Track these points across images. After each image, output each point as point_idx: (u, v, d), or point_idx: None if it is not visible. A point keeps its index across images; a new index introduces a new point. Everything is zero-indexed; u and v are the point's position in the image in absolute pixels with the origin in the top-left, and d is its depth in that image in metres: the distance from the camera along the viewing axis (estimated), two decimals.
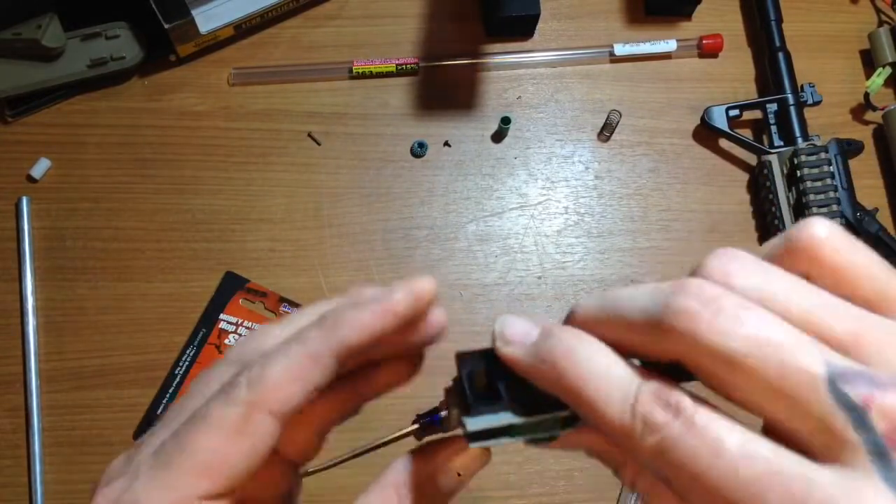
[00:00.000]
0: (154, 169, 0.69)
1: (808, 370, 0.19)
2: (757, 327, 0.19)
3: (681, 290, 0.20)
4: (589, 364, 0.22)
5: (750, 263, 0.21)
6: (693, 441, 0.19)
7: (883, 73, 0.72)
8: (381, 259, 0.68)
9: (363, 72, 0.71)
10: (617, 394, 0.21)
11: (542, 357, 0.23)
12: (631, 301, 0.22)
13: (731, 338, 0.19)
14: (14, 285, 0.65)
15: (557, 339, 0.23)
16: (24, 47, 0.66)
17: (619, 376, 0.21)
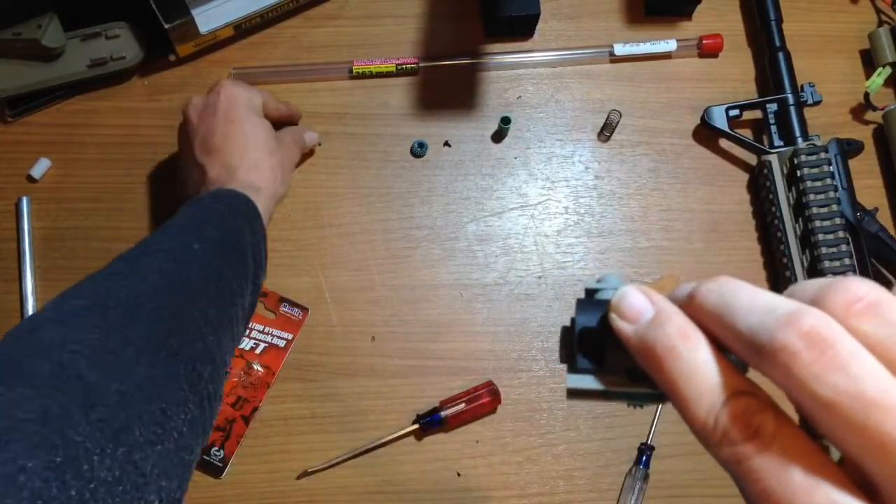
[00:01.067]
0: (154, 169, 0.69)
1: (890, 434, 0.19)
2: (856, 378, 0.19)
3: (793, 325, 0.20)
4: (688, 365, 0.22)
5: (874, 308, 0.20)
6: (760, 466, 0.20)
7: (883, 73, 0.72)
8: (381, 259, 0.68)
9: (363, 72, 0.71)
10: (706, 400, 0.22)
11: (648, 344, 0.23)
12: (746, 313, 0.22)
13: (823, 384, 0.19)
14: (14, 285, 0.65)
15: (665, 331, 0.23)
16: (24, 47, 0.66)
17: (713, 384, 0.22)
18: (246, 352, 0.65)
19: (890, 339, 0.20)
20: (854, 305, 0.21)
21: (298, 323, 0.66)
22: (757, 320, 0.21)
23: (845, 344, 0.20)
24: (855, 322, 0.20)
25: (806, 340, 0.20)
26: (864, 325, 0.20)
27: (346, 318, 0.66)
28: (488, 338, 0.67)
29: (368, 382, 0.65)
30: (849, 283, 0.21)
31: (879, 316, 0.20)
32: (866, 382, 0.19)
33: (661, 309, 0.24)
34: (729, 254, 0.70)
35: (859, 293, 0.21)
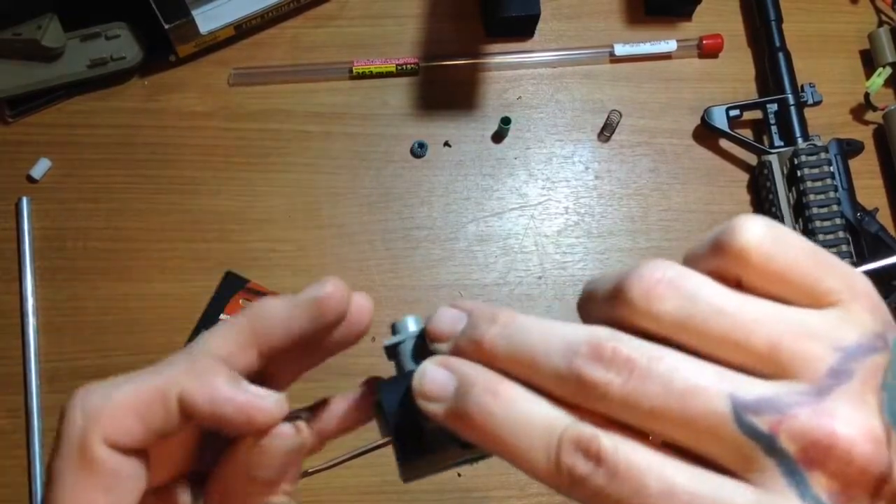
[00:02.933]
0: (154, 169, 0.69)
1: (714, 410, 0.20)
2: (664, 381, 0.20)
3: (595, 357, 0.21)
4: (507, 422, 0.22)
5: (672, 285, 0.21)
6: (617, 489, 0.20)
7: (883, 73, 0.72)
8: (381, 259, 0.68)
9: (363, 72, 0.71)
10: (539, 447, 0.21)
11: (462, 416, 0.23)
12: (545, 356, 0.22)
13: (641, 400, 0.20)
14: (14, 285, 0.65)
15: (473, 398, 0.22)
16: (24, 47, 0.66)
17: (540, 428, 0.21)
18: None
19: (693, 312, 0.21)
20: (653, 290, 0.21)
21: None
22: (559, 361, 0.21)
23: (644, 353, 0.21)
24: (657, 306, 0.21)
25: (612, 367, 0.20)
26: (667, 306, 0.21)
27: None
28: None
29: None
30: (642, 270, 0.21)
31: (678, 291, 0.21)
32: (675, 381, 0.20)
33: (463, 374, 0.23)
34: None
35: (655, 275, 0.21)
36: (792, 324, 0.21)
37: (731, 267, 0.21)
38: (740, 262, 0.21)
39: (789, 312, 0.21)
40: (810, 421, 0.19)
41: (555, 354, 0.21)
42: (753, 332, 0.20)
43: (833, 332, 0.20)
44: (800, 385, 0.20)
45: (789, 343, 0.20)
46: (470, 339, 0.24)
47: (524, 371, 0.22)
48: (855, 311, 0.21)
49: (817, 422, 0.19)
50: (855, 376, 0.20)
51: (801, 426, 0.19)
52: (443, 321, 0.25)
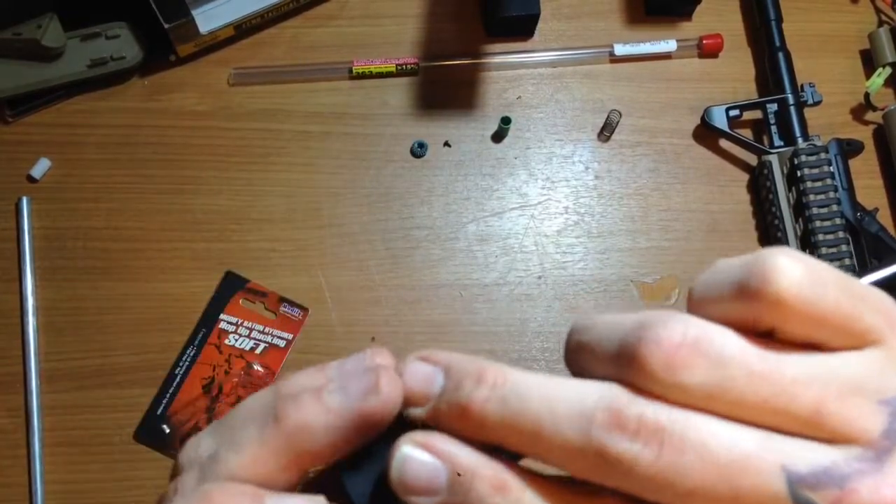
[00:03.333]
0: (154, 169, 0.69)
1: (766, 487, 0.17)
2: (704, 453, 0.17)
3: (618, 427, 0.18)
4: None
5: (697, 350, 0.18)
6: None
7: (883, 73, 0.72)
8: (381, 259, 0.68)
9: (363, 72, 0.71)
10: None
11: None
12: (552, 426, 0.18)
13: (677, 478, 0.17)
14: (14, 285, 0.65)
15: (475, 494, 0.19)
16: (24, 47, 0.66)
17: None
18: (246, 352, 0.65)
19: (725, 380, 0.18)
20: (675, 358, 0.18)
21: (298, 323, 0.66)
22: (572, 432, 0.18)
23: (676, 419, 0.18)
24: (683, 378, 0.18)
25: (639, 438, 0.18)
26: (695, 377, 0.18)
27: (346, 318, 0.66)
28: (488, 338, 0.67)
29: None
30: (658, 332, 0.18)
31: (705, 356, 0.18)
32: (717, 453, 0.17)
33: (457, 463, 0.19)
34: (729, 254, 0.69)
35: (674, 339, 0.18)
36: (834, 379, 0.18)
37: (764, 316, 0.18)
38: (777, 311, 0.18)
39: (829, 364, 0.18)
40: (873, 494, 0.17)
41: (565, 423, 0.18)
42: (795, 395, 0.18)
43: (878, 380, 0.18)
44: (854, 450, 0.18)
45: (834, 404, 0.18)
46: (453, 405, 0.20)
47: (526, 444, 0.19)
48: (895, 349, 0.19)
49: (881, 495, 0.17)
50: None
51: (863, 501, 0.17)
52: (415, 379, 0.21)
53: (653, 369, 0.18)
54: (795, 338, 0.19)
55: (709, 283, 0.20)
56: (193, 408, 0.64)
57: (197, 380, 0.64)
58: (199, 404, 0.64)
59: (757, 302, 0.18)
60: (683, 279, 0.69)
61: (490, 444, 0.20)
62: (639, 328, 0.19)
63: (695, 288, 0.20)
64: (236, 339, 0.65)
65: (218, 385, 0.64)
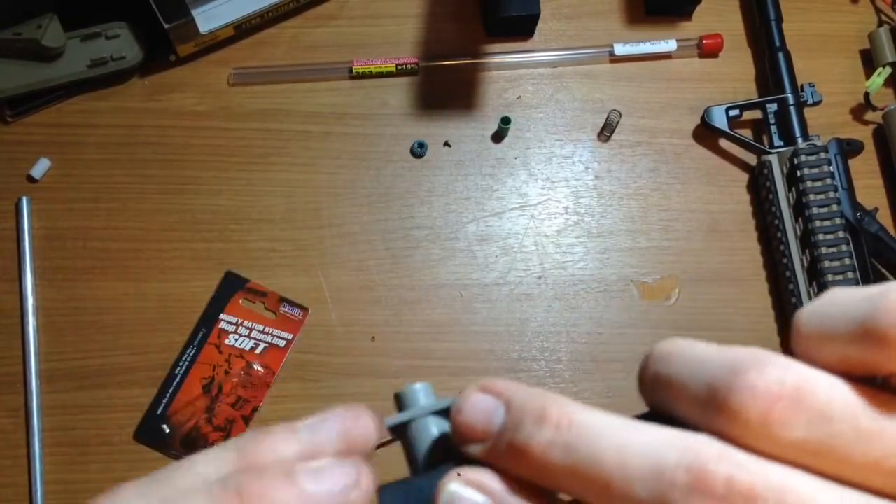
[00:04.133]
0: (154, 169, 0.69)
1: None
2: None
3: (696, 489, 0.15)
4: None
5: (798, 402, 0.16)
6: None
7: (883, 73, 0.72)
8: (381, 259, 0.68)
9: (363, 72, 0.71)
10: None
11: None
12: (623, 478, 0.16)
13: None
14: (14, 285, 0.65)
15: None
16: (24, 47, 0.66)
17: None
18: (246, 352, 0.65)
19: (829, 437, 0.16)
20: (773, 410, 0.16)
21: (298, 323, 0.66)
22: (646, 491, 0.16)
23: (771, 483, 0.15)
24: (781, 433, 0.16)
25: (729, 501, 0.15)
26: (794, 432, 0.16)
27: (346, 318, 0.66)
28: (488, 338, 0.67)
29: (368, 382, 0.65)
30: (753, 378, 0.16)
31: (807, 410, 0.16)
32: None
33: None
34: (729, 254, 0.70)
35: (772, 389, 0.16)
36: None
37: (890, 361, 0.16)
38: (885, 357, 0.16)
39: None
40: None
41: (638, 479, 0.16)
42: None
43: None
44: None
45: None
46: (513, 446, 0.18)
47: (591, 496, 0.17)
48: None
49: None
50: None
51: None
52: (475, 413, 0.19)
53: (745, 417, 0.16)
54: None
55: (823, 316, 0.17)
56: (193, 408, 0.64)
57: (197, 380, 0.64)
58: (198, 404, 0.64)
59: (886, 346, 0.15)
60: (683, 279, 0.69)
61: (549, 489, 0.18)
62: (731, 372, 0.16)
63: (803, 319, 0.17)
64: (236, 339, 0.65)
65: (218, 385, 0.64)
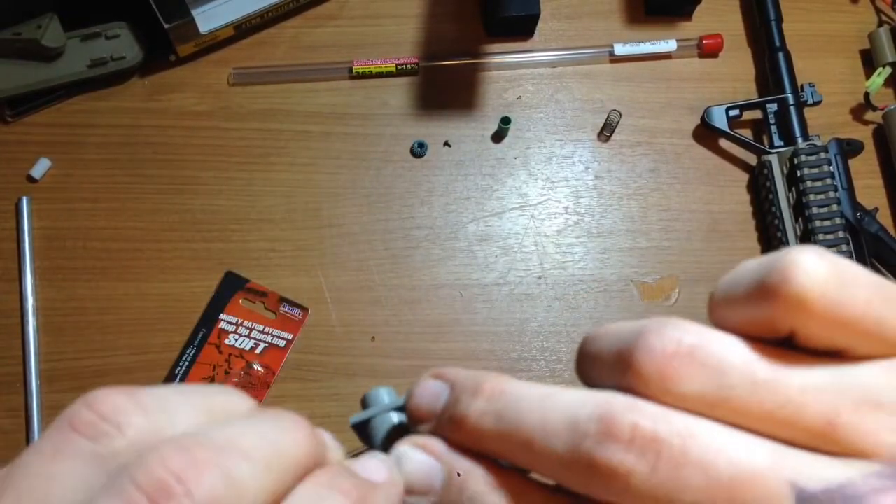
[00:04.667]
0: (154, 169, 0.69)
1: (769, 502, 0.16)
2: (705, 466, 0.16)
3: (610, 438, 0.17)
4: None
5: (693, 358, 0.17)
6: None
7: (883, 73, 0.72)
8: (381, 259, 0.68)
9: (363, 72, 0.71)
10: None
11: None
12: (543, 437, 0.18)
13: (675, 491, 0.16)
14: (14, 285, 0.65)
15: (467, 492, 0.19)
16: (24, 47, 0.66)
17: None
18: (246, 352, 0.65)
19: (725, 389, 0.17)
20: (668, 367, 0.17)
21: (298, 323, 0.66)
22: (563, 443, 0.17)
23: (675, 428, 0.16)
24: (678, 387, 0.17)
25: (633, 449, 0.16)
26: (690, 385, 0.17)
27: (346, 318, 0.66)
28: (488, 338, 0.67)
29: (368, 382, 0.65)
30: (651, 339, 0.17)
31: (702, 365, 0.17)
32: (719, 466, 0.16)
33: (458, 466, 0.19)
34: (729, 254, 0.70)
35: (668, 348, 0.17)
36: (851, 391, 0.17)
37: (783, 317, 0.17)
38: (798, 313, 0.17)
39: (848, 374, 0.17)
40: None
41: (557, 434, 0.17)
42: (804, 406, 0.16)
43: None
44: (873, 466, 0.16)
45: (851, 415, 0.16)
46: (453, 418, 0.19)
47: (520, 456, 0.18)
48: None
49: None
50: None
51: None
52: (423, 396, 0.20)
53: (644, 373, 0.17)
54: (817, 343, 0.17)
55: (729, 284, 0.18)
56: None
57: (197, 380, 0.64)
58: None
59: (775, 302, 0.17)
60: (683, 279, 0.69)
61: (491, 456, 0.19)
62: (636, 335, 0.18)
63: (716, 290, 0.19)
64: (236, 339, 0.65)
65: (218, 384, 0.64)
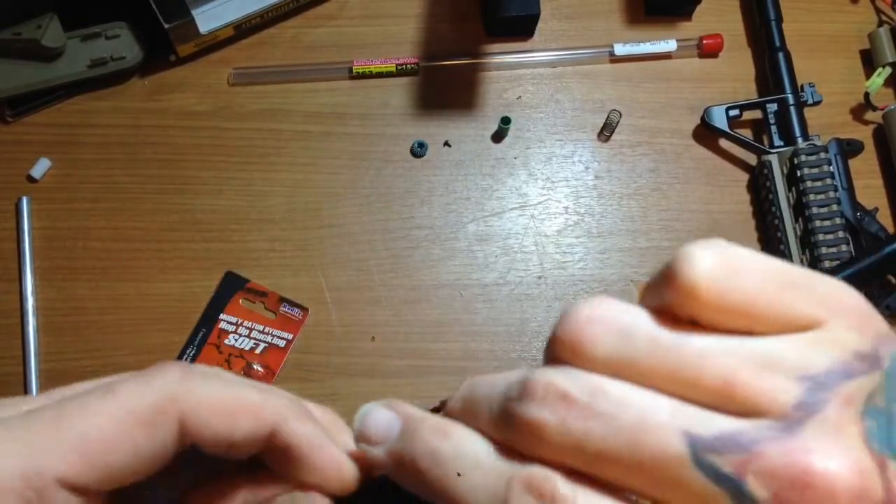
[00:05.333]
0: (154, 169, 0.69)
1: (669, 450, 0.17)
2: (608, 417, 0.18)
3: (529, 393, 0.19)
4: (455, 462, 0.20)
5: (603, 322, 0.19)
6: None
7: (883, 73, 0.72)
8: (381, 259, 0.68)
9: (363, 72, 0.71)
10: (488, 490, 0.19)
11: (406, 459, 0.21)
12: (487, 400, 0.20)
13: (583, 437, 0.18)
14: (14, 285, 0.65)
15: (420, 436, 0.21)
16: (24, 47, 0.66)
17: (490, 470, 0.20)
18: (246, 352, 0.65)
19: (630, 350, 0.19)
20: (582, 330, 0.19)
21: (298, 323, 0.66)
22: (497, 406, 0.20)
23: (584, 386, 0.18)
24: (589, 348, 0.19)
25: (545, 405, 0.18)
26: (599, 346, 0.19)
27: (346, 318, 0.66)
28: (488, 338, 0.67)
29: (368, 382, 0.65)
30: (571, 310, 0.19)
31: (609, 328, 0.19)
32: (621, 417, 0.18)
33: (409, 416, 0.22)
34: None
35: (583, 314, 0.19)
36: (749, 355, 0.18)
37: (679, 305, 0.19)
38: (689, 300, 0.18)
39: (747, 343, 0.18)
40: (782, 458, 0.17)
41: (495, 396, 0.20)
42: (703, 367, 0.18)
43: (800, 359, 0.18)
44: (766, 421, 0.17)
45: (746, 377, 0.18)
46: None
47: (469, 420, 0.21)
48: (834, 331, 0.18)
49: (790, 459, 0.16)
50: (828, 406, 0.17)
51: (772, 465, 0.17)
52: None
53: (563, 343, 0.19)
54: (720, 327, 0.19)
55: (653, 273, 0.20)
56: None
57: None
58: None
59: (670, 291, 0.19)
60: None
61: None
62: (566, 311, 0.20)
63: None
64: (236, 339, 0.65)
65: None
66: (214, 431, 0.22)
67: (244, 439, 0.23)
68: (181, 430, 0.22)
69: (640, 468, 0.18)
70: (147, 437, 0.21)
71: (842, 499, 0.16)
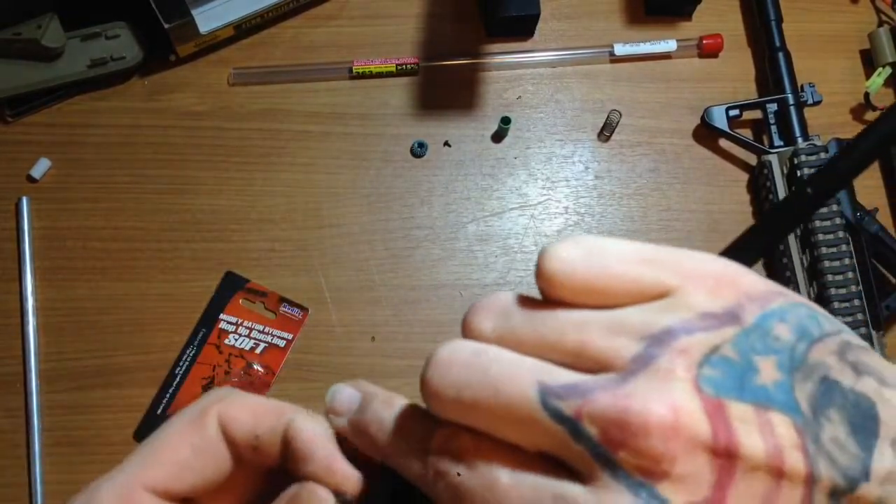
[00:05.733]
0: (154, 169, 0.69)
1: (523, 396, 0.21)
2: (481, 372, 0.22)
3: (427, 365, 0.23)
4: (394, 429, 0.24)
5: (491, 305, 0.23)
6: (473, 482, 0.21)
7: (883, 73, 0.72)
8: (381, 259, 0.68)
9: (363, 72, 0.71)
10: (414, 452, 0.23)
11: (361, 426, 0.25)
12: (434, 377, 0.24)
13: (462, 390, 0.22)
14: (14, 285, 0.65)
15: (372, 407, 0.25)
16: (24, 47, 0.66)
17: (417, 436, 0.24)
18: (246, 352, 0.65)
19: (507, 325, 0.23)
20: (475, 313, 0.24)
21: (298, 323, 0.66)
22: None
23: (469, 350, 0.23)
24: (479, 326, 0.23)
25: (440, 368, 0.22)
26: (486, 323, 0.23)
27: (346, 318, 0.66)
28: None
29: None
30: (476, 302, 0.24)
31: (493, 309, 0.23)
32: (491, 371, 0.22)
33: (367, 392, 0.26)
34: None
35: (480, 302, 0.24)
36: (603, 322, 0.21)
37: (547, 291, 0.23)
38: (550, 287, 0.22)
39: (604, 313, 0.22)
40: (608, 403, 0.20)
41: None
42: (563, 334, 0.22)
43: (644, 322, 0.21)
44: (606, 375, 0.21)
45: (596, 340, 0.21)
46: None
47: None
48: (686, 295, 0.21)
49: (614, 402, 0.20)
50: (662, 358, 0.20)
51: (600, 408, 0.20)
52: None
53: (463, 323, 0.24)
54: (583, 305, 0.22)
55: None
56: None
57: (197, 380, 0.64)
58: None
59: (538, 282, 0.23)
60: None
61: None
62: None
63: None
64: (236, 339, 0.65)
65: (218, 385, 0.64)
66: (242, 423, 0.27)
67: (265, 434, 0.27)
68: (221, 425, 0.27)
69: (503, 415, 0.21)
70: (198, 434, 0.27)
71: (654, 433, 0.19)
